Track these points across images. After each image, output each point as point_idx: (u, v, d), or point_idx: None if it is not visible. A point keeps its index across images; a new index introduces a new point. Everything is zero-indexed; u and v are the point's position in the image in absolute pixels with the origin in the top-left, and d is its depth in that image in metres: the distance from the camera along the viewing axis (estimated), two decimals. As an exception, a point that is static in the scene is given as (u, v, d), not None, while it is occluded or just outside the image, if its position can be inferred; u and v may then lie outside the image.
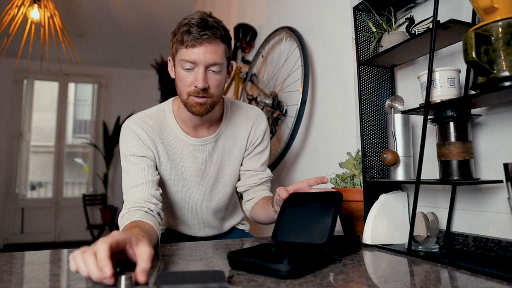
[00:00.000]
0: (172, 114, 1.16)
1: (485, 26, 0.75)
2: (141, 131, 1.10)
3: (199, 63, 1.01)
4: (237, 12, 2.68)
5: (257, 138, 1.25)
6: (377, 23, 1.12)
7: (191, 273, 0.66)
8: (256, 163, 1.27)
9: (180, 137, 1.15)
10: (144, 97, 5.89)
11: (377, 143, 1.10)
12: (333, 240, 0.91)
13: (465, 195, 0.95)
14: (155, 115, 1.15)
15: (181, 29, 1.01)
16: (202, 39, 0.99)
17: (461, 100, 0.82)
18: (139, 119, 1.13)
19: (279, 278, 0.65)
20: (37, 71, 5.13)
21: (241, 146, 1.24)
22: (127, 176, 1.07)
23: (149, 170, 1.08)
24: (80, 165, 6.12)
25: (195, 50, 1.00)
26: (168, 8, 4.12)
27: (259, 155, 1.27)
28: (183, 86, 1.05)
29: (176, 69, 1.06)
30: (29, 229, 5.52)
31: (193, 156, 1.17)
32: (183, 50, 1.01)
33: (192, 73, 1.03)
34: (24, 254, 0.88)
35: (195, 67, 1.02)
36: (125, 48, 5.32)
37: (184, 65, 1.02)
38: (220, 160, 1.22)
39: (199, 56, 1.00)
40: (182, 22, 1.03)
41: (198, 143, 1.16)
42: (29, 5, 3.26)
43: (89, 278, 0.61)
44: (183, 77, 1.04)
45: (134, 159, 1.08)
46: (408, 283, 0.67)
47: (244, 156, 1.27)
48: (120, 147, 1.13)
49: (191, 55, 1.00)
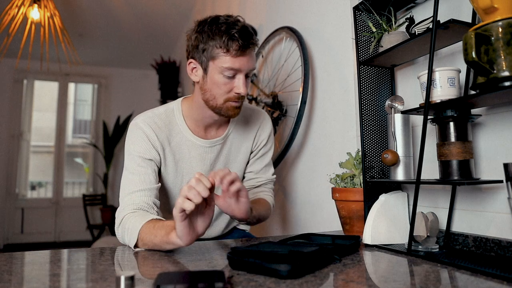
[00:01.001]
0: (181, 114, 1.15)
1: (485, 26, 0.75)
2: (150, 132, 1.08)
3: (243, 70, 1.02)
4: (237, 12, 2.68)
5: (262, 140, 1.26)
6: (377, 23, 1.12)
7: (191, 273, 0.66)
8: (258, 165, 1.28)
9: (188, 138, 1.14)
10: (144, 97, 5.89)
11: (377, 143, 1.10)
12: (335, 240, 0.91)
13: (465, 195, 0.95)
14: (164, 115, 1.13)
15: (222, 35, 0.98)
16: (249, 48, 1.01)
17: (461, 100, 0.82)
18: (149, 118, 1.10)
19: (279, 278, 0.65)
20: (37, 71, 5.13)
21: (247, 148, 1.25)
22: (132, 177, 1.04)
23: (154, 176, 1.06)
24: (80, 165, 6.12)
25: (242, 58, 1.00)
26: (168, 8, 4.12)
27: (263, 157, 1.29)
28: (221, 92, 1.04)
29: (212, 75, 1.03)
30: (29, 229, 5.52)
31: (201, 158, 1.16)
32: (228, 58, 0.99)
33: (232, 80, 1.03)
34: (24, 254, 0.88)
35: (236, 74, 1.02)
36: (125, 48, 5.32)
37: (226, 72, 1.01)
38: (227, 161, 1.21)
39: (244, 64, 1.01)
40: (219, 27, 0.99)
41: (207, 144, 1.16)
42: (29, 5, 3.26)
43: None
44: (222, 84, 1.03)
45: (141, 161, 1.06)
46: (408, 283, 0.67)
47: (250, 158, 1.27)
48: (126, 145, 1.09)
49: (237, 63, 1.00)
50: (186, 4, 4.06)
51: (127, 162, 1.08)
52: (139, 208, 0.99)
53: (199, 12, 3.84)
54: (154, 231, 0.88)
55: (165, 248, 0.87)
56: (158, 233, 0.87)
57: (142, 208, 0.99)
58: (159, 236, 0.87)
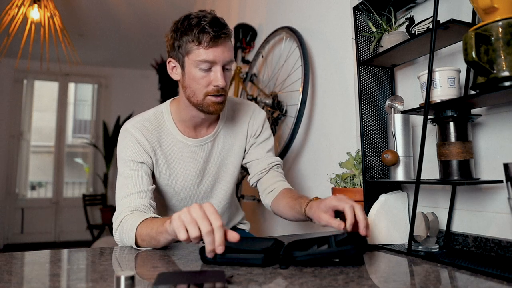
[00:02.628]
0: (170, 116, 1.15)
1: (485, 26, 0.75)
2: (140, 136, 1.09)
3: (218, 62, 1.00)
4: (237, 12, 2.68)
5: (257, 129, 1.24)
6: (377, 23, 1.12)
7: (191, 273, 0.66)
8: (261, 151, 1.24)
9: (178, 139, 1.14)
10: (144, 97, 5.88)
11: (377, 143, 1.10)
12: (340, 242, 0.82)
13: (465, 195, 0.95)
14: (153, 118, 1.13)
15: (193, 29, 0.98)
16: (220, 38, 0.99)
17: (461, 100, 0.82)
18: (138, 123, 1.11)
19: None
20: (37, 71, 5.13)
21: (241, 141, 1.23)
22: (126, 181, 1.05)
23: (147, 178, 1.07)
24: (80, 165, 6.12)
25: (215, 49, 0.99)
26: (168, 8, 4.12)
27: (263, 144, 1.25)
28: (199, 87, 1.03)
29: (189, 70, 1.03)
30: (29, 229, 5.52)
31: (193, 157, 1.16)
32: (201, 51, 0.99)
33: (209, 72, 1.01)
34: (24, 254, 0.88)
35: (212, 67, 1.01)
36: (125, 48, 5.32)
37: (202, 65, 1.00)
38: (221, 158, 1.21)
39: (218, 55, 0.99)
40: (190, 21, 1.00)
41: (197, 143, 1.16)
42: (29, 5, 3.26)
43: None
44: (199, 78, 1.02)
45: (134, 165, 1.07)
46: (408, 283, 0.67)
47: (246, 150, 1.25)
48: (118, 151, 1.11)
49: (210, 54, 0.99)
50: (186, 4, 4.05)
51: (120, 167, 1.08)
52: (136, 209, 0.99)
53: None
54: (151, 225, 0.89)
55: (162, 240, 0.86)
56: (154, 225, 0.87)
57: (139, 209, 0.99)
58: (155, 228, 0.87)
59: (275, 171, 1.23)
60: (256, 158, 1.24)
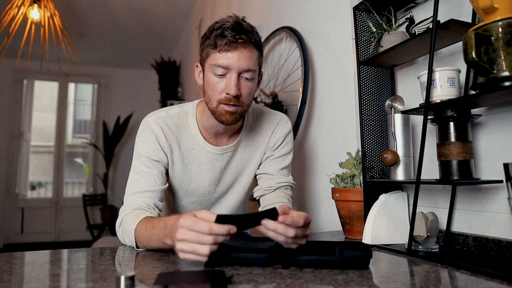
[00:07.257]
0: (195, 118, 1.10)
1: (485, 26, 0.75)
2: (159, 133, 1.05)
3: (233, 68, 0.95)
4: (237, 12, 2.68)
5: (277, 141, 1.17)
6: (377, 23, 1.12)
7: (191, 273, 0.66)
8: (275, 167, 1.17)
9: (199, 143, 1.10)
10: (144, 97, 5.88)
11: (377, 143, 1.10)
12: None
13: (465, 195, 0.95)
14: (177, 117, 1.09)
15: (214, 32, 0.95)
16: (237, 43, 0.94)
17: (461, 100, 0.82)
18: (160, 119, 1.07)
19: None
20: (37, 71, 5.13)
21: (261, 153, 1.18)
22: (137, 177, 1.03)
23: (159, 177, 1.04)
24: (80, 165, 6.12)
25: (229, 55, 0.94)
26: (168, 8, 4.12)
27: (279, 159, 1.18)
28: (213, 93, 0.99)
29: (206, 75, 1.00)
30: (29, 229, 5.52)
31: (211, 165, 1.12)
32: (216, 55, 0.95)
33: (223, 79, 0.97)
34: (24, 254, 0.88)
35: (227, 73, 0.96)
36: (125, 48, 5.32)
37: (216, 70, 0.96)
38: (238, 169, 1.17)
39: (233, 61, 0.95)
40: (214, 26, 0.97)
41: (218, 152, 1.11)
42: (29, 5, 3.26)
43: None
44: (213, 83, 0.98)
45: (148, 162, 1.04)
46: (408, 283, 0.67)
47: (262, 160, 1.19)
48: (136, 143, 1.07)
49: (224, 59, 0.95)
50: (186, 4, 4.06)
51: (134, 161, 1.06)
52: (138, 208, 0.99)
53: (199, 12, 3.84)
54: (151, 230, 0.86)
55: (165, 248, 0.87)
56: (153, 236, 0.85)
57: (141, 208, 0.99)
58: (155, 240, 0.85)
59: (281, 192, 1.17)
60: (267, 173, 1.18)
